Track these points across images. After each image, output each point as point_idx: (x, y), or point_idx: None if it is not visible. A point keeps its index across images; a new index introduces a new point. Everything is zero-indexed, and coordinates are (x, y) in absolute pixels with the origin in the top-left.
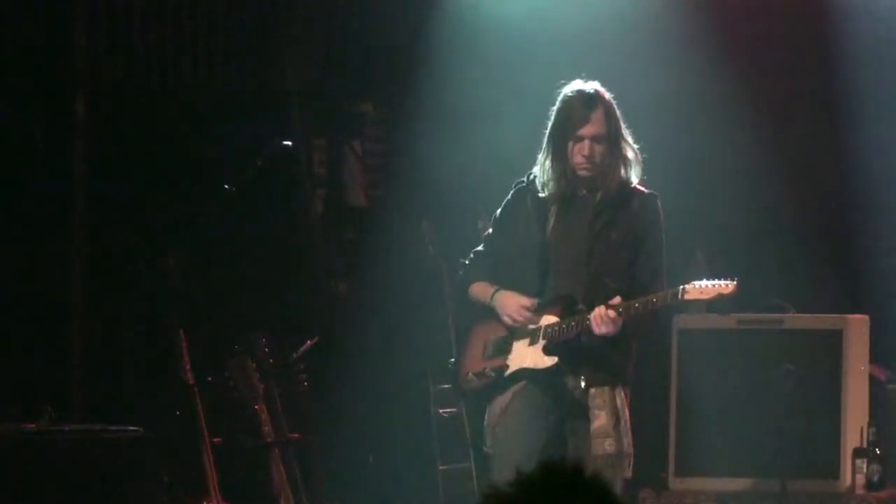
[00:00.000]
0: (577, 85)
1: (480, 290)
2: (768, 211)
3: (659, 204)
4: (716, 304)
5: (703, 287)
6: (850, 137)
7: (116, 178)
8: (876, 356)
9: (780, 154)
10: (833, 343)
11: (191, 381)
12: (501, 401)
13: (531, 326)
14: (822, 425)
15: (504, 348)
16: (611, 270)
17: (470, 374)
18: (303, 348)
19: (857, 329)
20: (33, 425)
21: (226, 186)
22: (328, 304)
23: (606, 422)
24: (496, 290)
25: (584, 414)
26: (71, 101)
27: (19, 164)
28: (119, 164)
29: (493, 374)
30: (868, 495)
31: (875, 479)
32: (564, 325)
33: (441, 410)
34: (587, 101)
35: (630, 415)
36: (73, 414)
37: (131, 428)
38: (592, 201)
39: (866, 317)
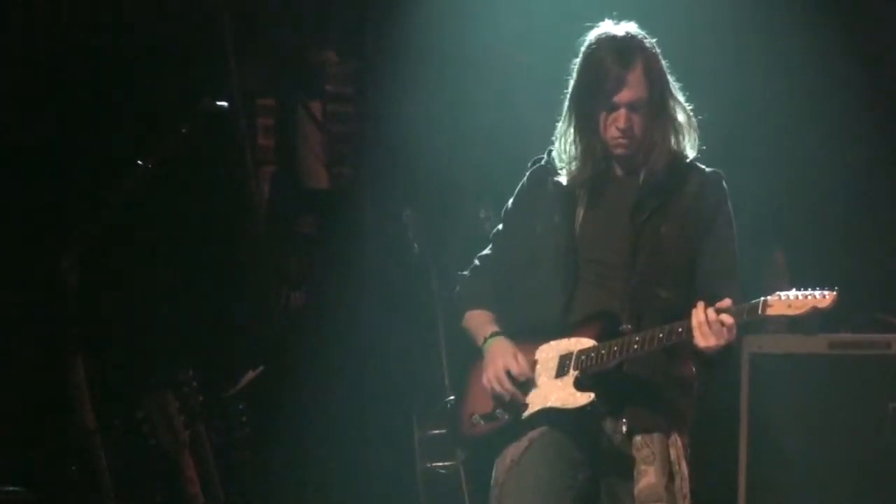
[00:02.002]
0: (607, 31)
1: (477, 323)
2: (871, 203)
3: (725, 185)
4: (802, 321)
5: (792, 299)
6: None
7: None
8: None
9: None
10: None
11: (91, 426)
12: (513, 451)
13: (559, 353)
14: None
15: (520, 382)
16: (662, 275)
17: (475, 415)
18: (243, 381)
19: None
20: None
21: (139, 162)
22: (277, 321)
23: (656, 480)
24: (493, 335)
25: (625, 469)
26: None
27: None
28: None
29: (505, 415)
30: None
31: None
32: (604, 352)
33: (431, 464)
34: (622, 56)
35: (689, 468)
36: None
37: (10, 489)
38: (634, 184)
39: None
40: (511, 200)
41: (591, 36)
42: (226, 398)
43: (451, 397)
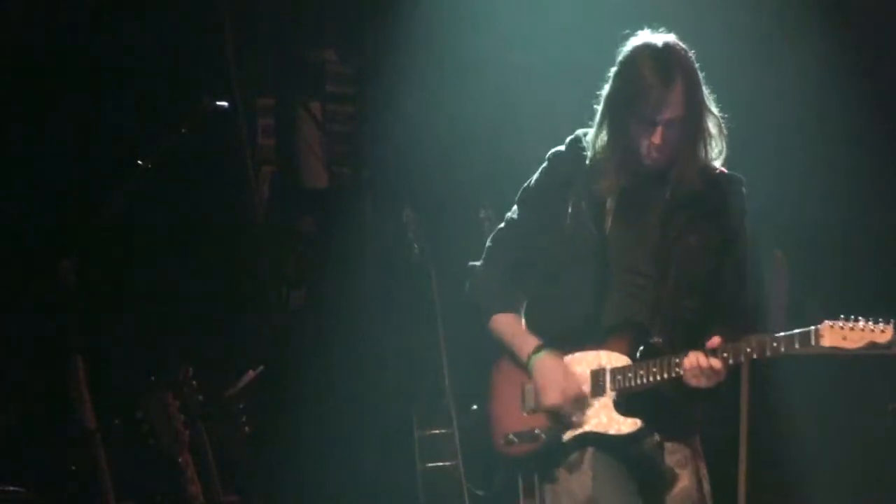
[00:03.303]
0: (647, 42)
1: (512, 332)
2: (871, 203)
3: (745, 190)
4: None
5: (847, 330)
6: None
7: None
8: None
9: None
10: None
11: (91, 425)
12: (579, 485)
13: (591, 368)
14: None
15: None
16: (690, 287)
17: (510, 435)
18: (243, 381)
19: None
20: None
21: (139, 162)
22: (277, 321)
23: (690, 483)
24: (538, 349)
25: (655, 478)
26: None
27: None
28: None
29: (543, 436)
30: None
31: None
32: (643, 373)
33: (430, 464)
34: (662, 73)
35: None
36: None
37: (12, 488)
38: (663, 195)
39: None
40: (532, 188)
41: (630, 46)
42: (226, 398)
43: (475, 406)
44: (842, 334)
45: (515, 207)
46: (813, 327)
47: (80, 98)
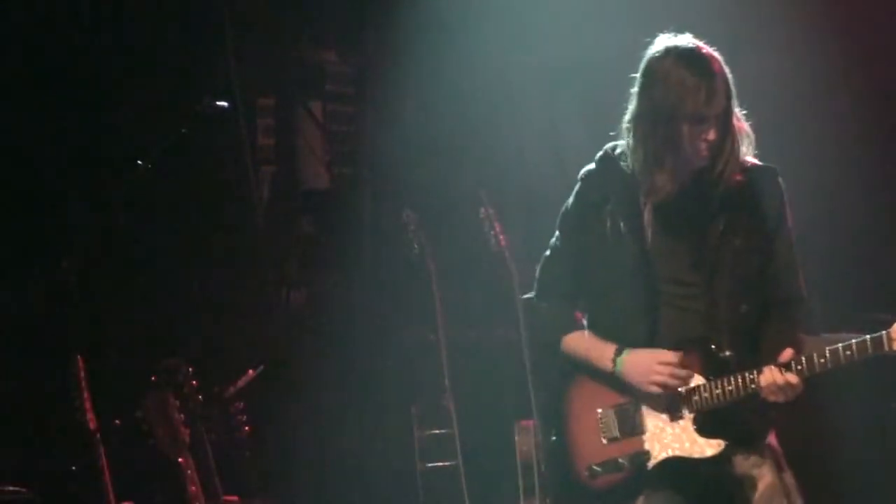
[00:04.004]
0: (674, 45)
1: (588, 345)
2: (871, 202)
3: (781, 181)
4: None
5: (867, 344)
6: None
7: None
8: None
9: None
10: None
11: (92, 426)
12: None
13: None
14: None
15: (633, 423)
16: (744, 292)
17: (592, 466)
18: (243, 381)
19: None
20: None
21: (139, 162)
22: (278, 320)
23: (773, 478)
24: (619, 352)
25: (738, 486)
26: None
27: None
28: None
29: (626, 464)
30: None
31: None
32: (719, 392)
33: (430, 464)
34: (704, 71)
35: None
36: None
37: (11, 488)
38: (701, 197)
39: None
40: (569, 211)
41: (654, 55)
42: (226, 398)
43: (554, 437)
44: (865, 348)
45: (557, 233)
46: (884, 331)
47: (81, 98)
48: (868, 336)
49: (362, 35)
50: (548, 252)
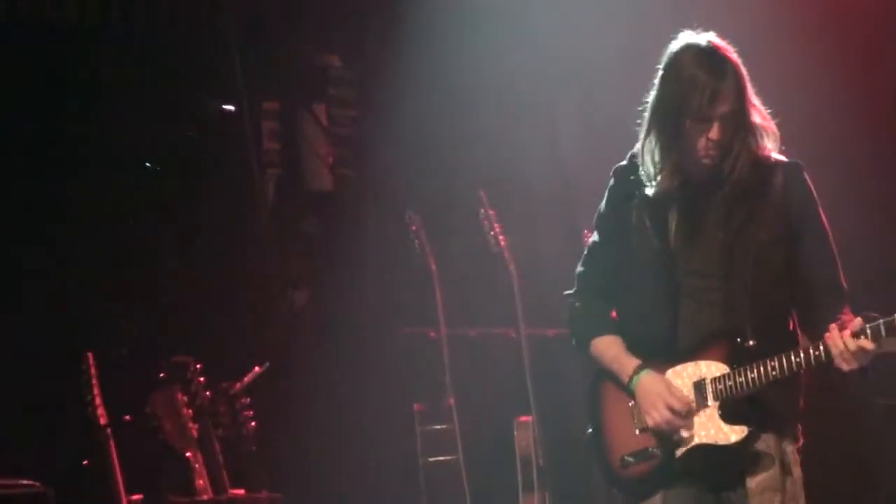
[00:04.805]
0: (691, 42)
1: (611, 355)
2: (860, 200)
3: (806, 175)
4: None
5: None
6: None
7: (4, 149)
8: None
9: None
10: None
11: (102, 421)
12: None
13: (692, 380)
14: None
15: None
16: (772, 282)
17: (625, 456)
18: (249, 377)
19: None
20: None
21: (146, 164)
22: (283, 318)
23: (774, 472)
24: (638, 370)
25: (743, 464)
26: None
27: None
28: (8, 132)
29: (658, 452)
30: None
31: None
32: (742, 380)
33: (431, 459)
34: (713, 68)
35: (802, 472)
36: None
37: (25, 482)
38: (720, 193)
39: None
40: (602, 208)
41: (675, 47)
42: (233, 394)
43: (590, 429)
44: None
45: (595, 231)
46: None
47: (91, 100)
48: (887, 319)
49: (365, 40)
50: (586, 250)
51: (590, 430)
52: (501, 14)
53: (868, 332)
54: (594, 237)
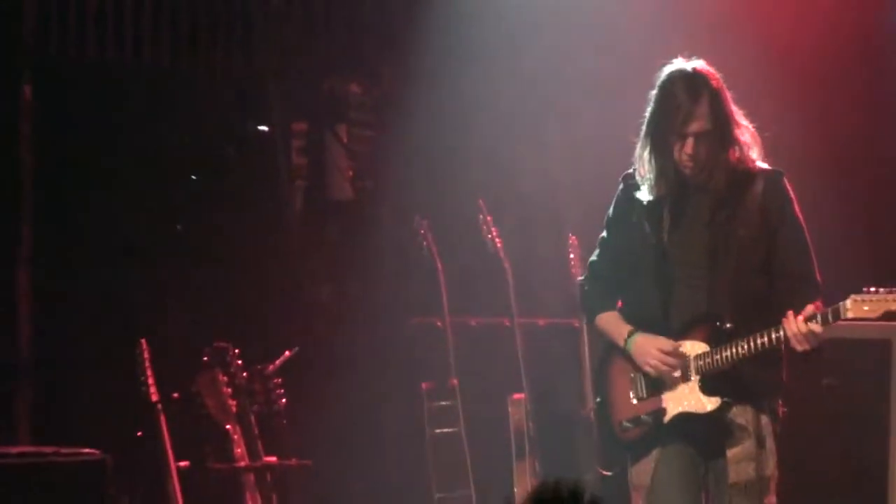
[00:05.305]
0: (679, 68)
1: (611, 325)
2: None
3: (785, 181)
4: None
5: (868, 300)
6: None
7: (67, 168)
8: None
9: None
10: (881, 354)
11: (154, 398)
12: (645, 468)
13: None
14: (867, 445)
15: (655, 385)
16: (753, 272)
17: (623, 422)
18: (280, 360)
19: None
20: None
21: (192, 177)
22: (309, 310)
23: (750, 444)
24: (631, 333)
25: (723, 441)
26: (17, 85)
27: None
28: (71, 153)
29: (650, 419)
30: None
31: None
32: (718, 357)
33: (437, 430)
34: (691, 91)
35: (777, 442)
36: (20, 435)
37: (86, 451)
38: (706, 197)
39: None
40: (610, 209)
41: (666, 71)
42: (266, 375)
43: (598, 399)
44: (864, 305)
45: (605, 228)
46: (841, 303)
47: (150, 123)
48: (829, 308)
49: (380, 72)
50: (598, 244)
51: (598, 400)
52: (495, 48)
53: (818, 317)
54: (603, 233)
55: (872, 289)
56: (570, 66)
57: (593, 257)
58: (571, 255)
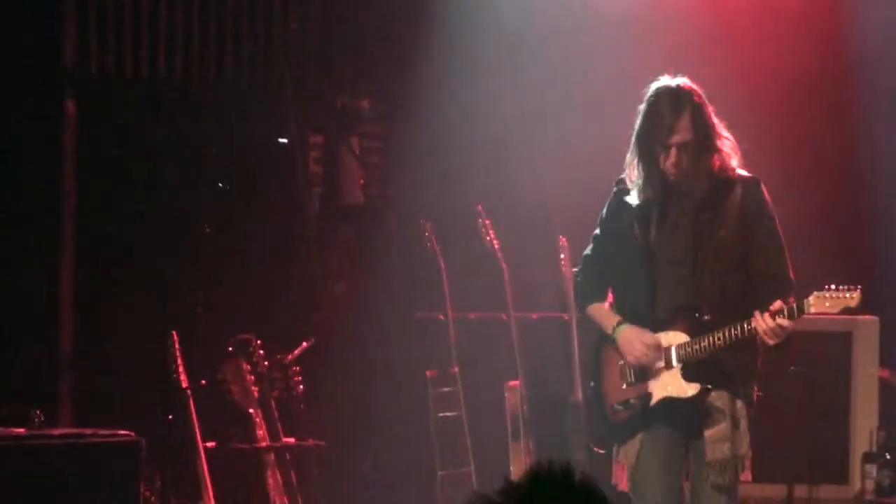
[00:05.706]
0: (664, 83)
1: (600, 315)
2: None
3: (763, 188)
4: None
5: (828, 297)
6: (863, 127)
7: (107, 177)
8: (888, 359)
9: (782, 139)
10: (842, 345)
11: (184, 384)
12: (632, 448)
13: (663, 347)
14: (830, 429)
15: (643, 371)
16: (726, 268)
17: (614, 405)
18: (298, 350)
19: (866, 331)
20: (22, 430)
21: (220, 185)
22: (324, 305)
23: (725, 426)
24: (618, 324)
25: (701, 423)
26: (59, 100)
27: (8, 161)
28: (109, 163)
29: (637, 404)
30: (878, 501)
31: (886, 483)
32: (697, 346)
33: (440, 414)
34: (674, 105)
35: (749, 424)
36: (62, 418)
37: (122, 432)
38: (690, 202)
39: (876, 318)
40: (604, 210)
41: (652, 87)
42: (286, 363)
43: (592, 383)
44: (825, 301)
45: (598, 227)
46: (805, 299)
47: (182, 135)
48: (794, 303)
49: (388, 89)
50: (591, 239)
51: (591, 384)
52: (493, 65)
53: (784, 311)
54: (597, 230)
55: (833, 286)
56: (562, 78)
57: (587, 251)
58: (562, 255)
